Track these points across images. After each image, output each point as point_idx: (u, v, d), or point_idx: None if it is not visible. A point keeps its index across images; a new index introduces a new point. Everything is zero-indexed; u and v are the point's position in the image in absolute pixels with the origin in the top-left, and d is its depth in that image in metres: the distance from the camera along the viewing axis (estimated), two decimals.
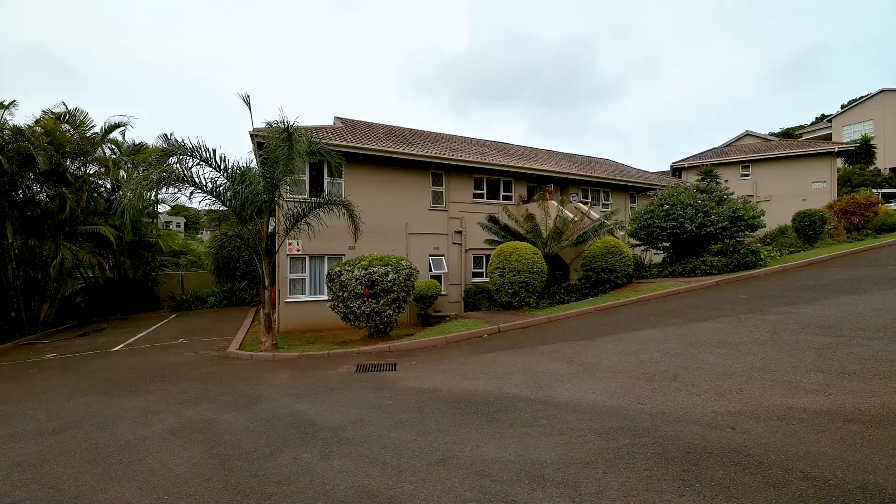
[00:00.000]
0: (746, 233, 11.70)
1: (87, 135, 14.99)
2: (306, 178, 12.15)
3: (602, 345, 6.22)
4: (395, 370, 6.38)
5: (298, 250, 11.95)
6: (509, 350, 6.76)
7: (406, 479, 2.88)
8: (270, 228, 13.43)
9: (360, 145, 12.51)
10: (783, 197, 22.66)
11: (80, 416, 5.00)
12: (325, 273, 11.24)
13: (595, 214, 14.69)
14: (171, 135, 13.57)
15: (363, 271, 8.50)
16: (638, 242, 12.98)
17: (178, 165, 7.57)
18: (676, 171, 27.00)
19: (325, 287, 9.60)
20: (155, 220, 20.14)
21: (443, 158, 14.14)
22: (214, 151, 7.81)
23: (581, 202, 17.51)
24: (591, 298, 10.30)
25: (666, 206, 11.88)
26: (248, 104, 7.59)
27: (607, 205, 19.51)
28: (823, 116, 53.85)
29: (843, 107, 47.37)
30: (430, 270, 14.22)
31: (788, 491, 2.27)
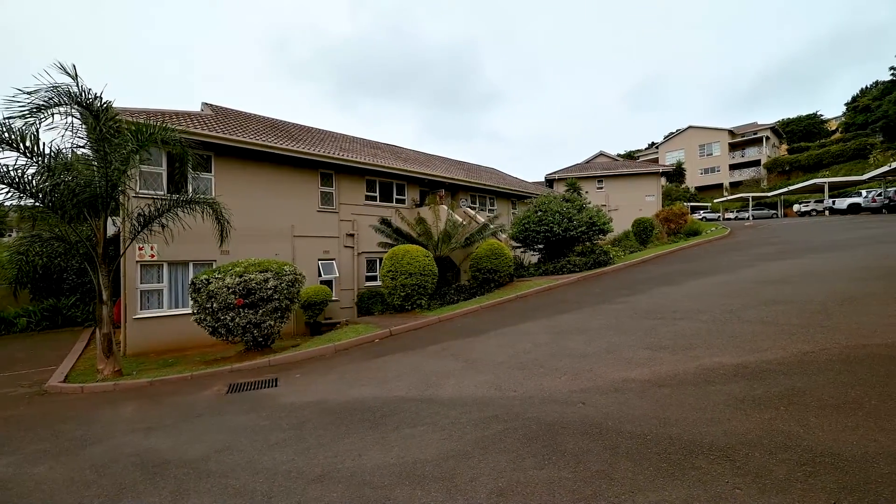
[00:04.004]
0: (599, 236, 13.92)
1: None
2: (163, 170, 10.36)
3: (486, 340, 6.67)
4: (276, 386, 5.84)
5: (153, 256, 10.09)
6: (400, 353, 6.78)
7: None
8: (114, 230, 11.09)
9: (234, 137, 11.19)
10: (627, 207, 27.59)
11: None
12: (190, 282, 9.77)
13: (481, 219, 15.76)
14: None
15: (237, 279, 7.58)
16: (518, 244, 14.35)
17: None
18: (549, 181, 30.70)
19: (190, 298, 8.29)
20: None
21: (333, 158, 13.55)
22: (21, 131, 6.09)
23: (469, 207, 18.60)
24: (477, 297, 10.98)
25: (539, 213, 13.39)
26: (74, 77, 6.11)
27: (493, 210, 21.12)
28: (653, 143, 67.36)
29: (664, 137, 59.97)
30: (320, 275, 13.47)
31: (619, 450, 2.75)
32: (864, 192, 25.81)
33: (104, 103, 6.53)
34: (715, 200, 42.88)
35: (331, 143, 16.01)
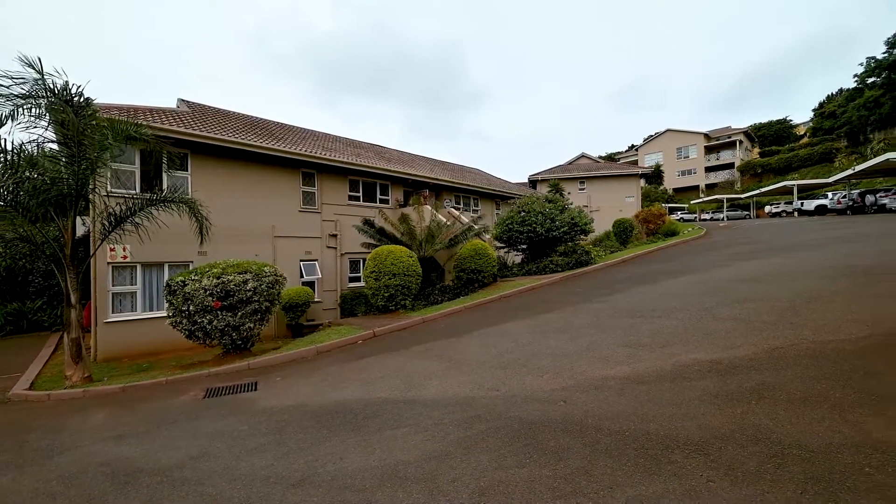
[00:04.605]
0: (581, 236, 14.16)
1: None
2: (136, 168, 10.01)
3: (469, 340, 6.69)
4: (256, 389, 5.72)
5: (125, 258, 9.74)
6: (383, 354, 6.73)
7: None
8: (83, 230, 10.67)
9: (209, 135, 10.91)
10: (607, 207, 28.13)
11: None
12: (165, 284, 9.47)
13: (466, 219, 15.80)
14: None
15: (215, 280, 7.39)
16: (501, 245, 14.45)
17: None
18: (533, 182, 31.02)
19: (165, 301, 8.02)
20: None
21: (315, 157, 13.36)
22: None
23: (454, 207, 18.63)
24: (461, 297, 11.00)
25: (523, 214, 13.52)
26: (40, 71, 5.83)
27: (477, 210, 21.21)
28: (633, 146, 68.92)
29: (644, 139, 61.43)
30: (302, 276, 13.26)
31: (599, 447, 2.79)
32: (829, 195, 27.03)
33: (85, 98, 6.26)
34: (692, 202, 44.17)
35: (313, 141, 15.78)
